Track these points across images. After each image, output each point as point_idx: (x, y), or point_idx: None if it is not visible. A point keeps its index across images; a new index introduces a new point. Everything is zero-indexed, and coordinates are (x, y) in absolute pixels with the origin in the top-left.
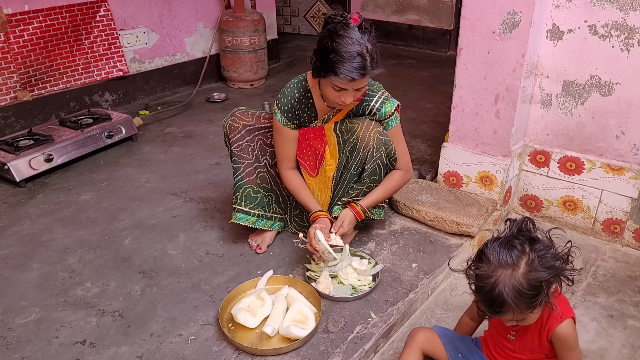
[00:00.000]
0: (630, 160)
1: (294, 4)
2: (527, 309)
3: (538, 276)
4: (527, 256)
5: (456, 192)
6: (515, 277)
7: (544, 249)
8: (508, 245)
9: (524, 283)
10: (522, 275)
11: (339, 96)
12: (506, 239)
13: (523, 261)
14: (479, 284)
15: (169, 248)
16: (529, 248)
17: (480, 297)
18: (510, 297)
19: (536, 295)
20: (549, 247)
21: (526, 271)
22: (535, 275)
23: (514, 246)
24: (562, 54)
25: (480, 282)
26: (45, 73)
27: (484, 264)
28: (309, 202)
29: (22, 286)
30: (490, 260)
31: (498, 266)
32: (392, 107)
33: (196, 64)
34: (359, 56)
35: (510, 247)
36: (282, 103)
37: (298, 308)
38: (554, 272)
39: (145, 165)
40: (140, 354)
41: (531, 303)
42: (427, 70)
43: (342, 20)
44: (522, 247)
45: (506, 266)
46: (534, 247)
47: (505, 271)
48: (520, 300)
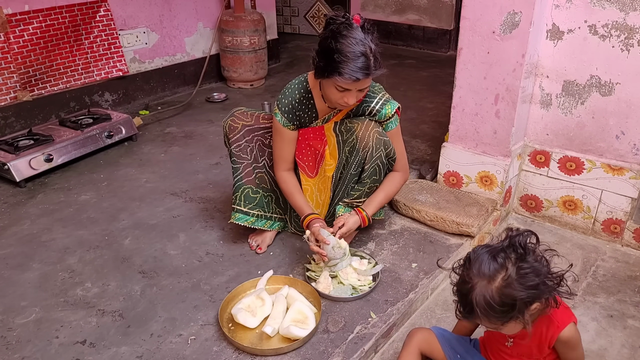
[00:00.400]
0: (630, 160)
1: (294, 4)
2: (497, 321)
3: (512, 294)
4: (505, 271)
5: (456, 192)
6: (489, 290)
7: (528, 269)
8: (491, 256)
9: (495, 297)
10: (496, 290)
11: (342, 97)
12: (493, 249)
13: (500, 276)
14: (458, 287)
15: (169, 248)
16: (512, 264)
17: (457, 299)
18: (479, 307)
19: (507, 312)
20: (535, 268)
21: (500, 286)
22: (509, 292)
23: (496, 259)
24: (562, 54)
25: (459, 284)
26: (45, 73)
27: (466, 269)
28: (302, 205)
29: (22, 286)
30: (471, 266)
31: (476, 274)
32: (392, 109)
33: (196, 64)
34: (363, 56)
35: (492, 259)
36: (283, 104)
37: (298, 308)
38: (534, 293)
39: (145, 165)
40: (140, 354)
41: (501, 317)
42: (427, 70)
43: (345, 21)
44: (504, 262)
45: (483, 276)
46: (518, 264)
47: (481, 281)
48: (489, 313)
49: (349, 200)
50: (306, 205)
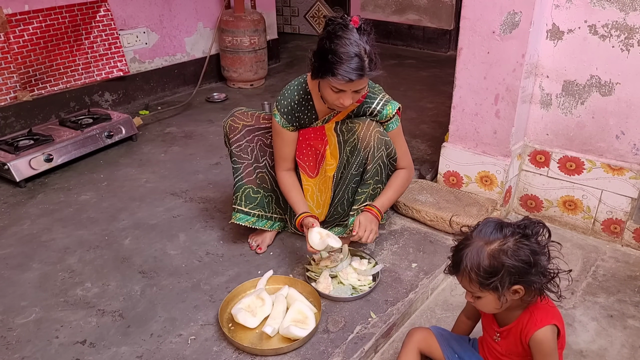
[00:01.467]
0: (630, 160)
1: (294, 4)
2: (477, 283)
3: (502, 260)
4: (504, 240)
5: (456, 192)
6: (483, 251)
7: (526, 246)
8: (499, 226)
9: (485, 260)
10: (489, 252)
11: (337, 98)
12: (504, 222)
13: (497, 241)
14: (457, 243)
15: (169, 248)
16: (512, 237)
17: (451, 252)
18: (468, 262)
19: (491, 277)
20: (533, 250)
21: (494, 250)
22: (500, 258)
23: (502, 229)
24: (562, 54)
25: (459, 240)
26: (45, 73)
27: (472, 231)
28: (297, 203)
29: (22, 286)
30: (477, 228)
31: (477, 235)
32: (393, 109)
33: (196, 64)
34: (356, 57)
35: (499, 228)
36: (282, 105)
37: (298, 308)
38: (520, 268)
39: (145, 165)
40: (140, 354)
41: (482, 281)
42: (427, 70)
43: (342, 22)
44: (506, 233)
45: (482, 238)
46: (519, 239)
47: (479, 241)
48: (474, 272)
49: (357, 207)
50: (301, 203)
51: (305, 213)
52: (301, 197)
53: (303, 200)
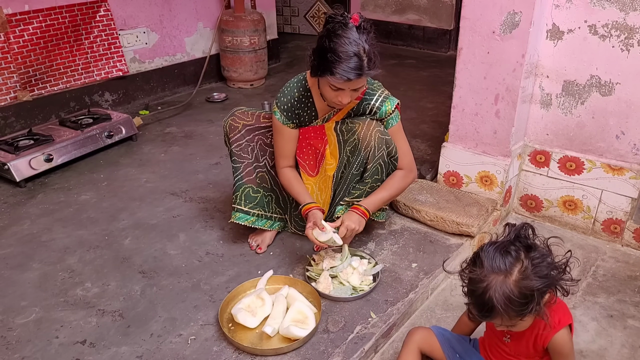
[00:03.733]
0: (630, 160)
1: (294, 4)
2: (516, 316)
3: (530, 285)
4: (521, 264)
5: (456, 192)
6: (507, 284)
7: (539, 258)
8: (503, 250)
9: (515, 290)
10: (514, 283)
11: (336, 96)
12: (502, 244)
13: (516, 268)
14: (471, 288)
15: (169, 248)
16: (524, 255)
17: (472, 301)
18: (500, 303)
19: (526, 304)
20: (545, 256)
21: (518, 279)
22: (527, 283)
23: (509, 252)
24: (562, 54)
25: (473, 285)
26: (45, 73)
27: (478, 268)
28: (300, 194)
29: (22, 286)
30: (484, 264)
31: (491, 271)
32: (392, 105)
33: (196, 64)
34: (355, 56)
35: (505, 253)
36: (282, 102)
37: (298, 308)
38: (548, 281)
39: (145, 165)
40: (140, 354)
41: (521, 311)
42: (427, 70)
43: (342, 20)
44: (517, 254)
45: (499, 272)
46: (529, 254)
47: (497, 277)
48: (510, 308)
49: (349, 199)
50: (304, 194)
51: (312, 204)
52: (304, 189)
53: (306, 192)
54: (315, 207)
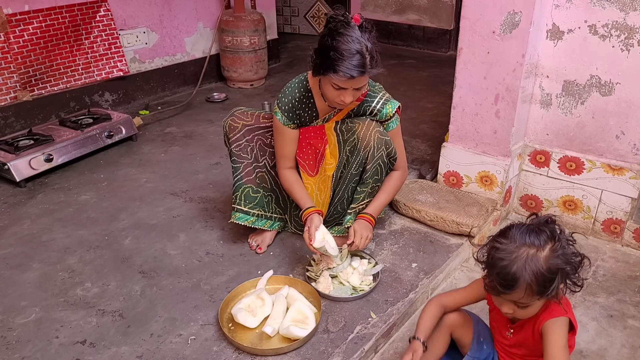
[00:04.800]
0: (630, 160)
1: (294, 4)
2: (537, 293)
3: (558, 264)
4: (553, 242)
5: (456, 192)
6: (538, 258)
7: (566, 243)
8: (537, 229)
9: (544, 265)
10: (545, 258)
11: (338, 95)
12: (534, 225)
13: (549, 245)
14: (498, 257)
15: (169, 248)
16: (557, 236)
17: (495, 271)
18: (527, 275)
19: (550, 282)
20: (571, 243)
21: (549, 255)
22: (556, 262)
23: (543, 230)
24: (562, 54)
25: (501, 255)
26: (45, 73)
27: (508, 241)
28: (301, 198)
29: (22, 286)
30: (516, 238)
31: (523, 244)
32: (393, 108)
33: (196, 64)
34: (358, 54)
35: (539, 231)
36: (283, 103)
37: (298, 308)
38: (570, 267)
39: (145, 165)
40: (140, 354)
41: (543, 289)
42: (427, 70)
43: (343, 20)
44: (551, 234)
45: (531, 246)
46: (559, 237)
47: (529, 250)
48: (535, 282)
49: (355, 206)
50: (305, 198)
51: (312, 208)
52: (305, 192)
53: (307, 195)
54: (314, 211)
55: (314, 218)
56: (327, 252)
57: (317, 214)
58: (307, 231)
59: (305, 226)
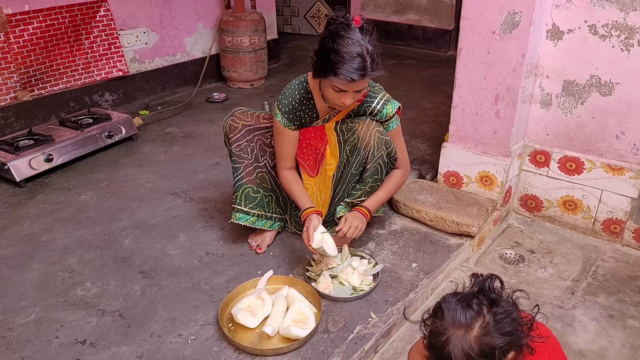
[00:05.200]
0: (630, 160)
1: (294, 4)
2: None
3: (491, 342)
4: (482, 319)
5: (456, 192)
6: (467, 340)
7: (503, 313)
8: (465, 303)
9: (474, 347)
10: (474, 339)
11: (338, 97)
12: (465, 296)
13: (477, 324)
14: (431, 340)
15: (169, 248)
16: (486, 310)
17: (431, 354)
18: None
19: (515, 316)
20: (509, 312)
21: (479, 334)
22: (488, 340)
23: (471, 306)
24: (562, 54)
25: (432, 338)
26: (45, 73)
27: (439, 320)
28: (300, 198)
29: (22, 286)
30: (445, 316)
31: (451, 324)
32: (393, 109)
33: (196, 64)
34: (359, 57)
35: (467, 307)
36: (283, 104)
37: (298, 308)
38: (510, 339)
39: (145, 165)
40: (140, 354)
41: None
42: (427, 70)
43: (344, 22)
44: (479, 309)
45: (459, 326)
46: (492, 310)
47: (457, 331)
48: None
49: (350, 200)
50: (305, 198)
51: (312, 209)
52: (305, 193)
53: (307, 196)
54: (313, 212)
55: (313, 218)
56: (325, 252)
57: (316, 214)
58: (305, 232)
59: (304, 227)
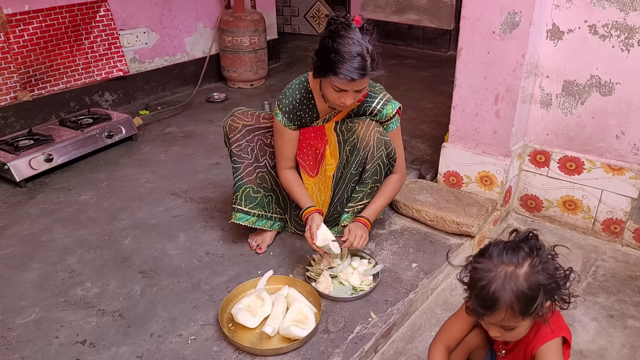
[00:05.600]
0: (630, 160)
1: (294, 4)
2: (519, 313)
3: (539, 279)
4: (531, 258)
5: (456, 192)
6: (517, 276)
7: (548, 257)
8: (514, 246)
9: (524, 283)
10: (524, 275)
11: (339, 97)
12: (512, 242)
13: (527, 262)
14: (477, 277)
15: (169, 248)
16: (535, 253)
17: (475, 292)
18: (507, 294)
19: (532, 300)
20: (553, 256)
21: (529, 272)
22: (536, 278)
23: (521, 247)
24: (562, 54)
25: (479, 275)
26: (45, 73)
27: (486, 260)
28: (301, 197)
29: (22, 286)
30: (494, 256)
31: (501, 262)
32: (393, 109)
33: (196, 64)
34: (359, 56)
35: (517, 248)
36: (284, 104)
37: (298, 308)
38: (554, 281)
39: (145, 165)
40: (140, 354)
41: (525, 308)
42: (427, 70)
43: (344, 21)
44: (529, 250)
45: (509, 263)
46: (539, 253)
47: (507, 268)
48: (516, 301)
49: (353, 205)
50: (305, 197)
51: (313, 207)
52: (305, 192)
53: (307, 195)
54: (315, 210)
55: (315, 217)
56: (330, 250)
57: (317, 212)
58: (308, 230)
59: (307, 225)
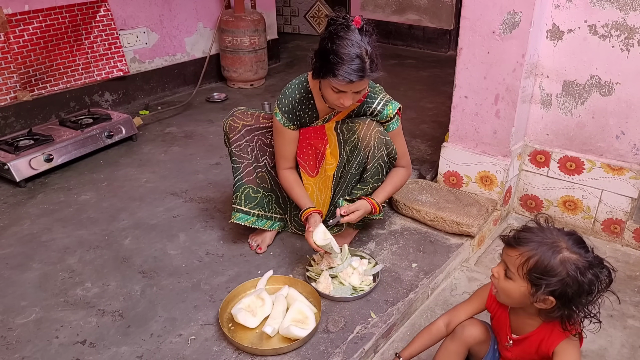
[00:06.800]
0: (630, 160)
1: (294, 4)
2: (526, 272)
3: (567, 269)
4: (584, 259)
5: (456, 192)
6: (559, 249)
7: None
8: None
9: (555, 259)
10: (562, 257)
11: (337, 98)
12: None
13: (578, 255)
14: (527, 227)
15: (169, 248)
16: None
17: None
18: (536, 250)
19: (545, 276)
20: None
21: (569, 259)
22: (567, 268)
23: (589, 248)
24: (562, 54)
25: (528, 233)
26: (45, 73)
27: (558, 230)
28: (301, 198)
29: (22, 286)
30: (564, 231)
31: (562, 236)
32: (393, 109)
33: (196, 64)
34: (357, 58)
35: (585, 245)
36: (283, 104)
37: (298, 308)
38: (578, 288)
39: (145, 165)
40: (140, 354)
41: (535, 275)
42: (427, 70)
43: (344, 22)
44: (593, 256)
45: (568, 244)
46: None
47: (561, 243)
48: (534, 261)
49: (350, 199)
50: (305, 198)
51: (312, 208)
52: (305, 193)
53: (307, 196)
54: (314, 211)
55: (314, 217)
56: (331, 248)
57: (316, 213)
58: (308, 230)
59: (307, 225)
